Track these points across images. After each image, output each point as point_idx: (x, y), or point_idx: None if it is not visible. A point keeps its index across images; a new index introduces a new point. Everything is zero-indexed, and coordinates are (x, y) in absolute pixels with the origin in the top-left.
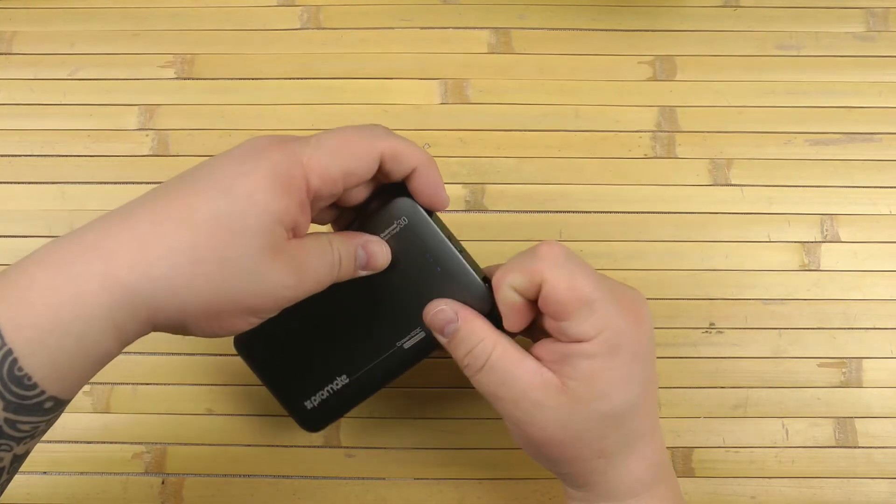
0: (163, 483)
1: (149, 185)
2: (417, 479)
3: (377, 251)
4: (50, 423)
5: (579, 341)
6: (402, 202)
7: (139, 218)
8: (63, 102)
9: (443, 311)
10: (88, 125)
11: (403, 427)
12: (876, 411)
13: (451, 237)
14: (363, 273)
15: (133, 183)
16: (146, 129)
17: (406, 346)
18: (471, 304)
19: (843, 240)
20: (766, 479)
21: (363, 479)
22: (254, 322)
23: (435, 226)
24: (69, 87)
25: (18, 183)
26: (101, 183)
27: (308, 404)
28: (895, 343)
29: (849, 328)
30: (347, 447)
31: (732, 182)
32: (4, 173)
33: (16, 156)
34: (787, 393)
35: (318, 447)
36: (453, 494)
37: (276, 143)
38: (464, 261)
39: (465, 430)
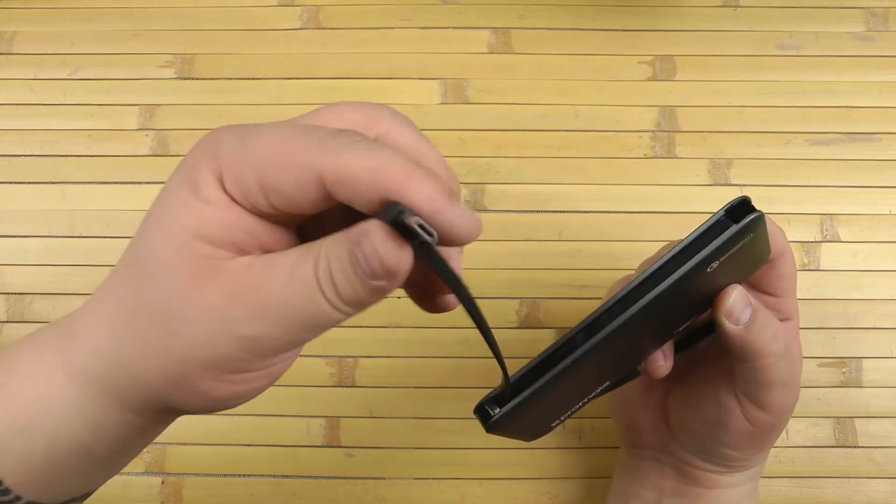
0: (163, 483)
1: (149, 185)
2: (417, 479)
3: (371, 250)
4: None
5: (788, 318)
6: (759, 219)
7: (100, 289)
8: (63, 102)
9: (740, 296)
10: (88, 125)
11: (403, 427)
12: (876, 411)
13: None
14: (378, 284)
15: (133, 183)
16: (146, 129)
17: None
18: None
19: (843, 240)
20: (766, 479)
21: (363, 479)
22: (241, 379)
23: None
24: (69, 87)
25: (18, 183)
26: (101, 183)
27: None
28: (895, 343)
29: (849, 328)
30: (347, 447)
31: (732, 182)
32: (4, 173)
33: (16, 156)
34: None
35: (318, 447)
36: (453, 494)
37: (204, 139)
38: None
39: (465, 430)
